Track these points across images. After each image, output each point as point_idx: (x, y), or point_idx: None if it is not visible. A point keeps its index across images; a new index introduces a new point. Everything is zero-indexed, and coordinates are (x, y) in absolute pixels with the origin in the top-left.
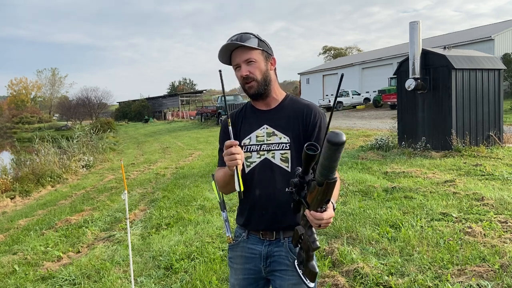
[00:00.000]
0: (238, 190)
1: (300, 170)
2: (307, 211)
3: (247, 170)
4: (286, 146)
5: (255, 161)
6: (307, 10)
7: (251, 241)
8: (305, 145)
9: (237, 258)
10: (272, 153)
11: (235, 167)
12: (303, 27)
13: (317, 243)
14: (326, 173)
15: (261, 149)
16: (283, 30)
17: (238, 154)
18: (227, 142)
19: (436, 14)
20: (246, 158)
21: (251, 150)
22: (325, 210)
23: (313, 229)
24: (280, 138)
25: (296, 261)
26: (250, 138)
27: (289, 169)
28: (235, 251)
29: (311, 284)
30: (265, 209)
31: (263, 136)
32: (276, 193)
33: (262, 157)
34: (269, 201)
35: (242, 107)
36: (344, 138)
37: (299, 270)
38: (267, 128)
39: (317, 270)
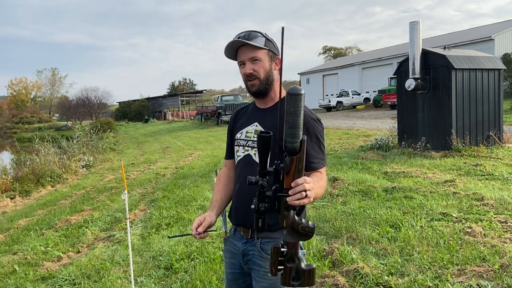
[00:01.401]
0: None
1: (256, 178)
2: (288, 198)
3: (235, 163)
4: None
5: (240, 155)
6: (308, 10)
7: (236, 237)
8: (259, 132)
9: (226, 252)
10: (255, 150)
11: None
12: (303, 27)
13: (310, 223)
14: (297, 132)
15: (247, 144)
16: (284, 30)
17: (198, 234)
18: (194, 224)
19: (437, 14)
20: (236, 152)
21: (239, 144)
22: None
23: (300, 217)
24: None
25: None
26: (241, 133)
27: (270, 169)
28: (225, 245)
29: None
30: (241, 204)
31: (252, 133)
32: (251, 189)
33: (246, 153)
34: (245, 196)
35: (249, 104)
36: (303, 91)
37: None
38: (256, 126)
39: (313, 265)
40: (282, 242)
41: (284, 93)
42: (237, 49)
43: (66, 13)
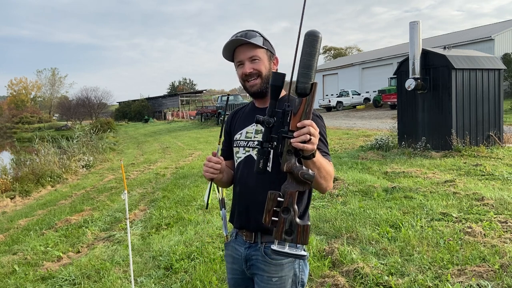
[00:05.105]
0: (206, 202)
1: (263, 117)
2: (292, 140)
3: (235, 164)
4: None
5: (241, 157)
6: (310, 11)
7: (237, 242)
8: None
9: (227, 257)
10: (256, 151)
11: (210, 180)
12: (304, 27)
13: (311, 171)
14: (310, 73)
15: (248, 145)
16: (286, 30)
17: (214, 169)
18: (208, 157)
19: (438, 14)
20: (235, 153)
21: (239, 145)
22: None
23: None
24: None
25: (276, 243)
26: (241, 134)
27: (269, 169)
28: (227, 250)
29: (304, 251)
30: (243, 206)
31: (252, 133)
32: (253, 190)
33: (247, 154)
34: (247, 198)
35: (247, 104)
36: (320, 34)
37: (284, 250)
38: (257, 126)
39: (309, 222)
40: (280, 192)
41: (283, 93)
42: (234, 49)
43: (66, 13)
